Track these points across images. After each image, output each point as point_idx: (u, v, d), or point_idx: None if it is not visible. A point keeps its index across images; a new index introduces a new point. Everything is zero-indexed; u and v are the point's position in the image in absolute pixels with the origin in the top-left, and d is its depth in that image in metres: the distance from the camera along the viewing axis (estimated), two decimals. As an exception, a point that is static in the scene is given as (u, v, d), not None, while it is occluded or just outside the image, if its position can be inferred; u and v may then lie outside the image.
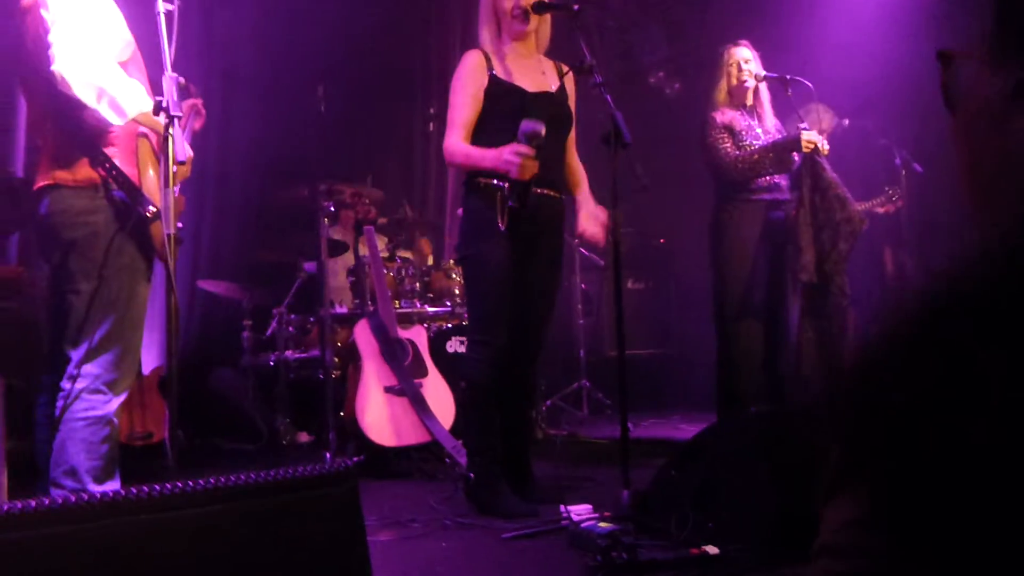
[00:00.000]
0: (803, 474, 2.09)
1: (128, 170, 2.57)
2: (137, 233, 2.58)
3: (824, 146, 4.07)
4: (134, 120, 2.50)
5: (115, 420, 2.58)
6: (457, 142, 3.15)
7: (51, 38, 2.41)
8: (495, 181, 3.08)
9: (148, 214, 2.53)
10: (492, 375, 3.12)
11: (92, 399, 2.52)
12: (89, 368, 2.52)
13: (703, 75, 4.90)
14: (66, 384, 2.52)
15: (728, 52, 4.30)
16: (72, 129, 2.51)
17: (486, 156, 3.07)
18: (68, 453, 2.48)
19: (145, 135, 2.60)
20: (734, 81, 4.26)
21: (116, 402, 2.58)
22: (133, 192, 2.55)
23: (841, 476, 0.54)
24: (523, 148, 2.93)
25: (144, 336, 2.73)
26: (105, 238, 2.54)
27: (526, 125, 2.95)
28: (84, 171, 2.53)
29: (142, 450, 4.28)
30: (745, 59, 4.25)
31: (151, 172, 2.57)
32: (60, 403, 2.51)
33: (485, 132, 3.16)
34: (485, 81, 3.17)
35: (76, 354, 2.54)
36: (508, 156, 2.97)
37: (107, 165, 2.52)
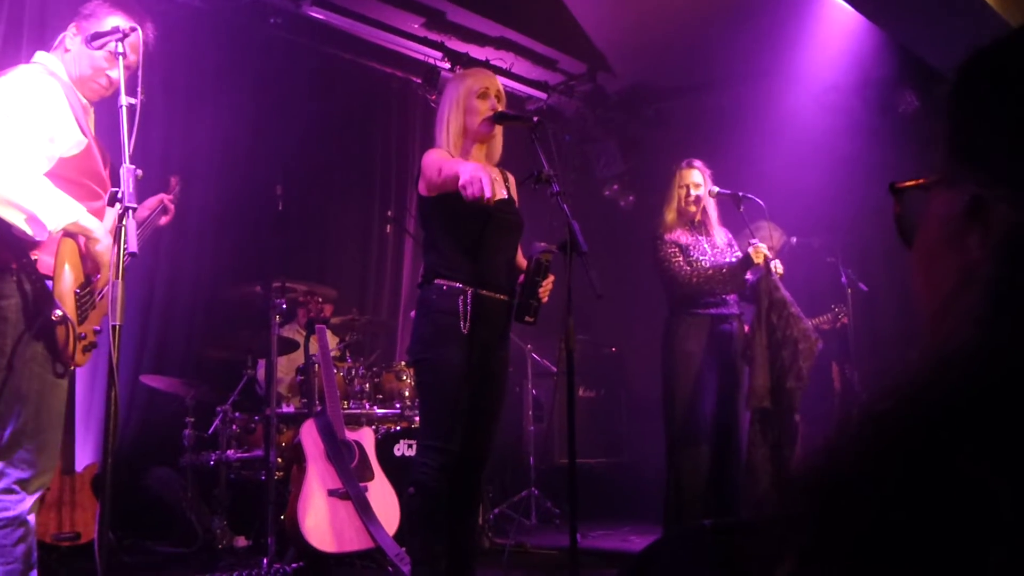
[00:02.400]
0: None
1: (46, 260, 2.48)
2: (43, 334, 2.46)
3: (779, 268, 4.17)
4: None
5: (30, 519, 2.44)
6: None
7: None
8: (458, 284, 3.06)
9: (54, 318, 2.42)
10: (443, 481, 3.03)
11: (4, 499, 2.39)
12: (1, 466, 2.40)
13: (657, 189, 5.04)
14: None
15: (679, 174, 4.42)
16: None
17: (457, 163, 2.94)
18: None
19: (71, 235, 2.50)
20: (682, 203, 4.38)
21: (30, 500, 2.44)
22: (42, 293, 2.45)
23: None
24: (494, 175, 2.92)
25: (79, 431, 2.63)
26: (14, 326, 2.43)
27: (537, 246, 3.03)
28: None
29: (68, 551, 4.07)
30: (695, 183, 4.38)
31: (67, 268, 2.48)
32: None
33: (448, 232, 3.12)
34: None
35: None
36: (481, 172, 2.74)
37: (24, 259, 2.44)
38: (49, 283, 2.46)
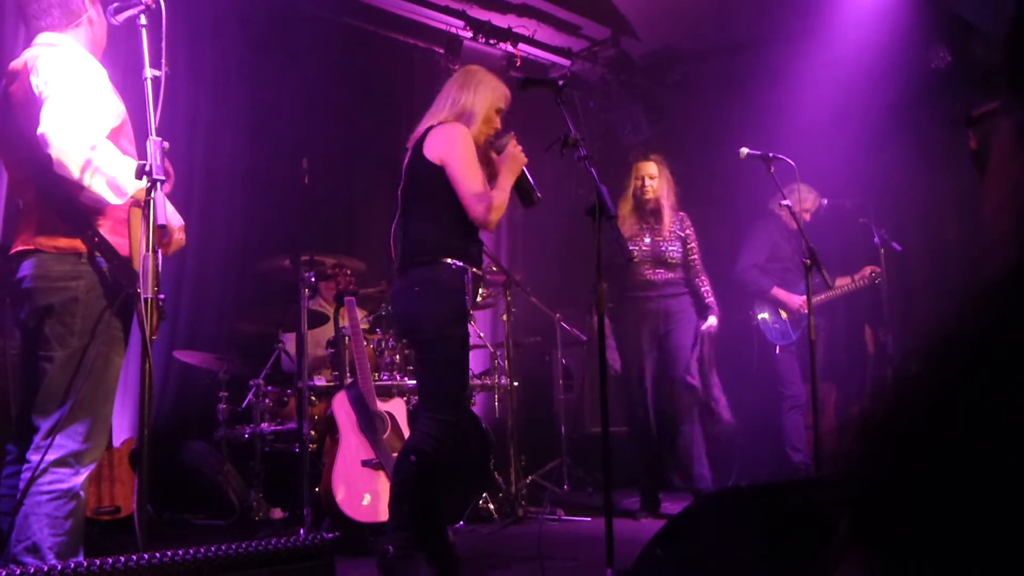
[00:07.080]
0: (794, 552, 2.03)
1: (117, 240, 2.52)
2: (124, 310, 2.52)
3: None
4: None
5: (82, 494, 2.48)
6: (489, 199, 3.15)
7: (44, 115, 2.36)
8: (462, 263, 3.14)
9: (140, 290, 2.46)
10: (443, 453, 3.09)
11: (59, 472, 2.43)
12: (58, 439, 2.43)
13: (684, 156, 5.00)
14: (33, 456, 2.42)
15: (636, 166, 4.69)
16: (62, 204, 2.45)
17: (505, 176, 3.15)
18: (31, 528, 2.38)
19: (138, 203, 2.53)
20: (637, 194, 4.65)
21: (83, 475, 2.48)
22: (125, 269, 2.48)
23: (848, 542, 0.52)
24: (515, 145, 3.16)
25: (116, 406, 2.65)
26: (85, 304, 2.47)
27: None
28: (67, 240, 2.47)
29: (108, 525, 4.14)
30: (650, 175, 4.56)
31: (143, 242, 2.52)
32: (26, 475, 2.42)
33: (452, 207, 3.16)
34: None
35: (45, 424, 2.44)
36: (517, 153, 3.16)
37: (96, 239, 2.47)
38: (127, 260, 2.51)
